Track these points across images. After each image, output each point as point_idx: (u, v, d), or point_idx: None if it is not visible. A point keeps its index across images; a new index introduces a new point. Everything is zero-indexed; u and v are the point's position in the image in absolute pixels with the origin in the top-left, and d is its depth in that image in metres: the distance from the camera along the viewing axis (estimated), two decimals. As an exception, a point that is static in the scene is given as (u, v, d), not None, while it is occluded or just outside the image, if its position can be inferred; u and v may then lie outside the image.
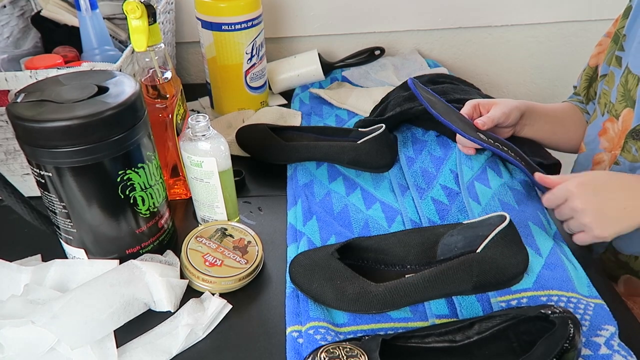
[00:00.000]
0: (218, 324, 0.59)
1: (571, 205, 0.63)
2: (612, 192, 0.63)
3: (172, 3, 1.05)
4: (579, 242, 0.65)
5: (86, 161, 0.55)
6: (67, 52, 0.88)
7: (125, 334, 0.57)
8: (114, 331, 0.56)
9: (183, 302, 0.61)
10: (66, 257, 0.65)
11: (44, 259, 0.66)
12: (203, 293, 0.62)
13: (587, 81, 0.88)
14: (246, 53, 0.96)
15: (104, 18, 0.91)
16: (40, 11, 0.94)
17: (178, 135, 0.72)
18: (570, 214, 0.64)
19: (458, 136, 0.78)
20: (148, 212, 0.63)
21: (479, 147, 0.76)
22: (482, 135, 0.74)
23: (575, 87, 0.94)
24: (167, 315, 0.60)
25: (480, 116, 0.78)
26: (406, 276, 0.59)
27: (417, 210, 0.74)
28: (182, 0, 1.12)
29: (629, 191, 0.62)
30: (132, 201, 0.61)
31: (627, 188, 0.63)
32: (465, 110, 0.78)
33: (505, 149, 0.74)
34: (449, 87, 0.92)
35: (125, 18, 0.74)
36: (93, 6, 0.84)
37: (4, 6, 0.90)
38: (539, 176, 0.70)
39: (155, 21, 0.65)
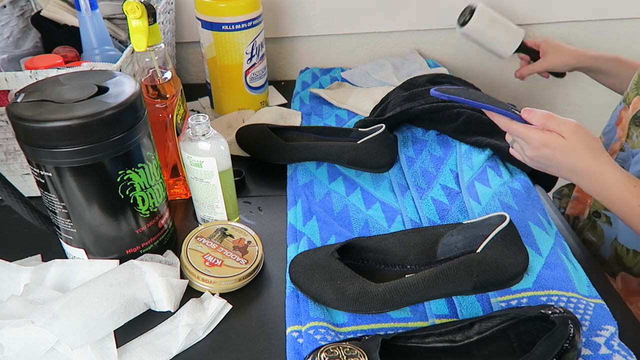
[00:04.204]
0: (218, 324, 0.59)
1: (523, 147, 0.64)
2: (560, 168, 0.63)
3: (172, 3, 1.05)
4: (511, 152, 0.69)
5: (86, 161, 0.55)
6: (67, 52, 0.88)
7: (125, 334, 0.57)
8: (114, 331, 0.56)
9: (183, 302, 0.61)
10: (66, 257, 0.65)
11: (44, 259, 0.66)
12: (203, 293, 0.62)
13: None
14: (246, 53, 0.96)
15: (104, 18, 0.90)
16: (40, 11, 0.94)
17: (178, 135, 0.72)
18: (519, 145, 0.65)
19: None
20: (148, 212, 0.63)
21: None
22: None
23: None
24: (167, 315, 0.60)
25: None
26: (406, 276, 0.59)
27: (417, 210, 0.74)
28: (182, 0, 1.12)
29: (572, 173, 0.63)
30: (132, 201, 0.61)
31: (572, 171, 0.63)
32: None
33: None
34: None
35: (125, 18, 0.74)
36: (93, 6, 0.84)
37: (4, 6, 0.90)
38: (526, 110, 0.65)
39: (155, 21, 0.65)
